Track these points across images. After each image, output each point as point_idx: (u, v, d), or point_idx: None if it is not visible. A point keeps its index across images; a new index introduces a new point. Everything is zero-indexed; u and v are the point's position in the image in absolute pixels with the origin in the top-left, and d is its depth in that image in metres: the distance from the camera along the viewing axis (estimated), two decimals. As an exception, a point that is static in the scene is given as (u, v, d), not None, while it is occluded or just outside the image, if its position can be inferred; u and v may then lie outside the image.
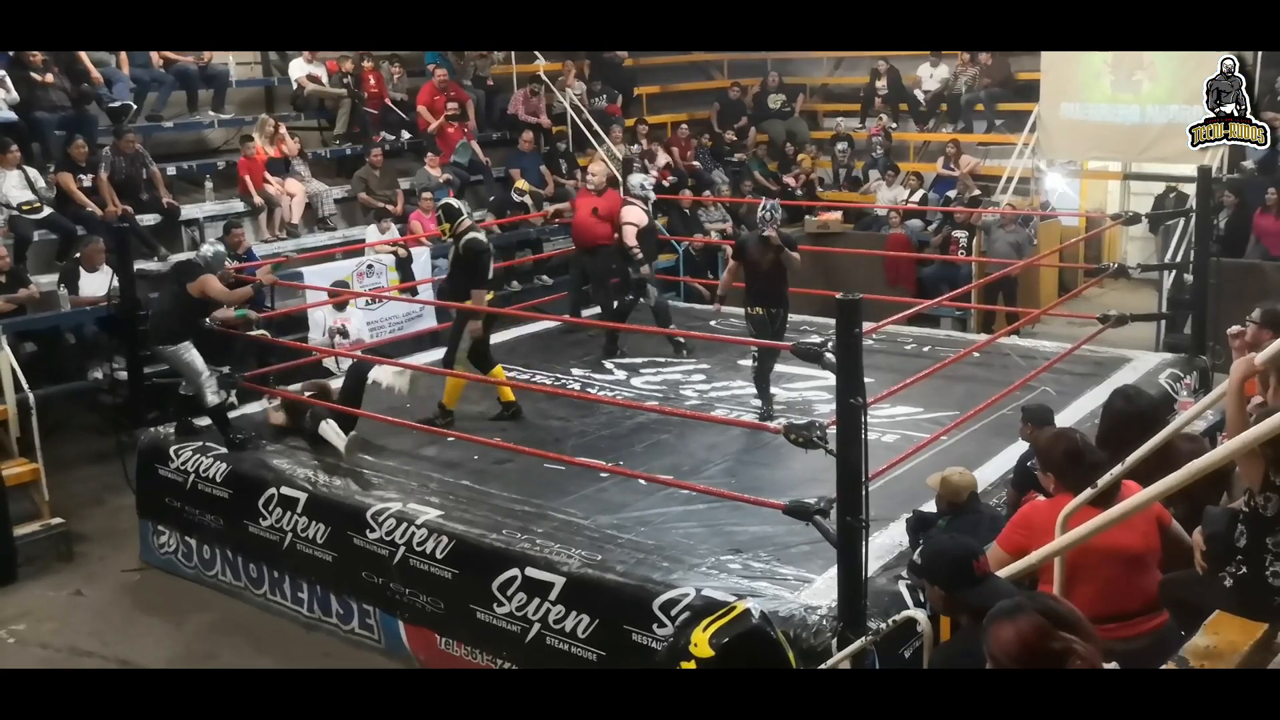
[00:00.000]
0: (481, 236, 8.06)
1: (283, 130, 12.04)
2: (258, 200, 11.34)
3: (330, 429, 7.41)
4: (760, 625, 4.82)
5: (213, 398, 7.69)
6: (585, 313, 10.19)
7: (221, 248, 8.45)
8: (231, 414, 8.02)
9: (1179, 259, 10.57)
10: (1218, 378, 7.38)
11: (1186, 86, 11.98)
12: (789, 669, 4.78)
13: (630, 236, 9.66)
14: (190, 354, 7.72)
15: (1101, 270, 10.54)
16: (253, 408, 8.34)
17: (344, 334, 10.11)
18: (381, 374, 8.03)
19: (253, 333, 8.68)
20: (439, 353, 9.71)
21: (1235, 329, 5.29)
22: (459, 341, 8.01)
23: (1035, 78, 13.37)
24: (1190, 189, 9.89)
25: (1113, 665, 2.78)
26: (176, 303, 7.80)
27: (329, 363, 9.75)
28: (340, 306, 10.13)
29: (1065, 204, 13.83)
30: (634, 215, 9.76)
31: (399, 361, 8.48)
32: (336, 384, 8.22)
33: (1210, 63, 11.63)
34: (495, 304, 9.28)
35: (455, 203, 8.40)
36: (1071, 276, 12.42)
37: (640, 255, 9.70)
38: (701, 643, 4.55)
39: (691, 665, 4.53)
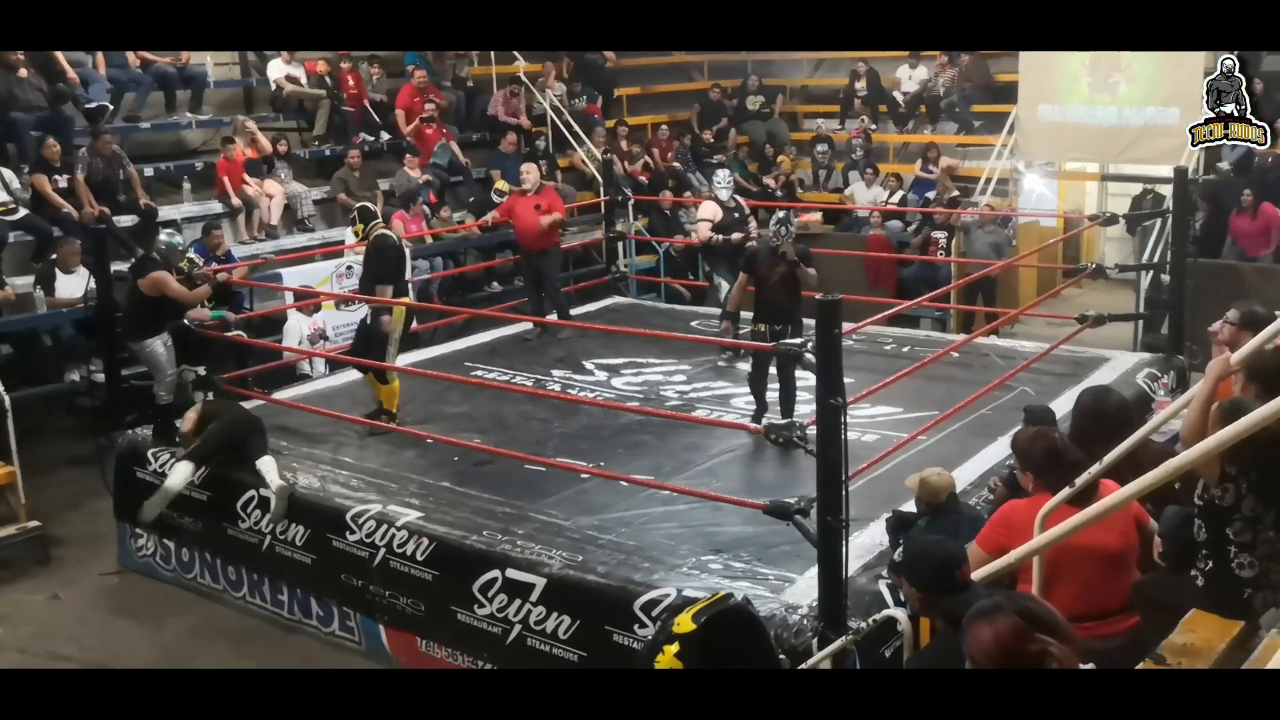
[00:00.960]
0: (391, 234, 8.10)
1: (252, 127, 11.93)
2: (235, 202, 11.30)
3: (269, 465, 7.11)
4: (742, 604, 4.86)
5: (165, 396, 7.80)
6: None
7: (179, 239, 8.43)
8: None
9: (1156, 259, 10.64)
10: (1194, 377, 7.44)
11: (1163, 88, 12.10)
12: (770, 666, 4.81)
13: (704, 231, 10.00)
14: (154, 349, 7.76)
15: (1080, 271, 10.60)
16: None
17: (325, 337, 10.07)
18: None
19: (229, 334, 8.63)
20: (418, 355, 9.74)
21: (1217, 325, 5.33)
22: (385, 344, 7.91)
23: (1013, 79, 13.45)
24: (1167, 190, 9.96)
25: (1089, 666, 2.80)
26: (133, 298, 7.86)
27: (304, 366, 9.74)
28: (315, 310, 10.07)
29: (1043, 205, 13.90)
30: (709, 211, 10.10)
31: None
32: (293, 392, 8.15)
33: (1187, 65, 11.87)
34: (477, 305, 9.31)
35: (372, 206, 8.50)
36: (1050, 277, 12.48)
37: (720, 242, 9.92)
38: (684, 622, 4.58)
39: (675, 647, 4.54)
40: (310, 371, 9.74)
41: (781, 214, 7.87)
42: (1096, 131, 12.58)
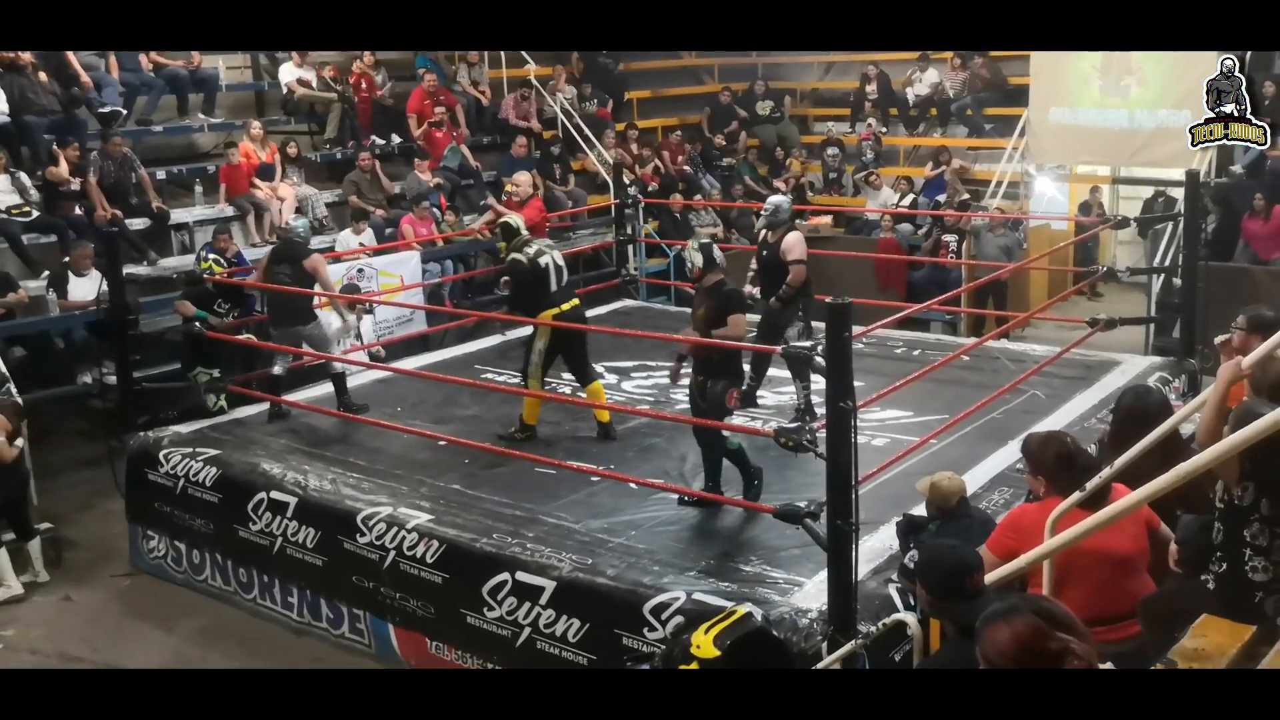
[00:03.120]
0: (522, 258, 7.68)
1: (256, 130, 11.92)
2: (229, 210, 11.37)
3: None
4: (764, 627, 4.83)
5: (337, 366, 8.30)
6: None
7: (304, 222, 8.87)
8: (224, 418, 8.16)
9: (1167, 263, 10.61)
10: (1206, 381, 7.41)
11: (1174, 91, 12.05)
12: (790, 669, 4.79)
13: (800, 275, 7.78)
14: (321, 329, 8.35)
15: (1091, 274, 10.57)
16: (244, 411, 8.37)
17: (358, 335, 10.11)
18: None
19: (240, 336, 8.65)
20: (429, 357, 9.77)
21: (1222, 338, 5.31)
22: (530, 356, 7.76)
23: (1025, 82, 13.43)
24: (1178, 193, 9.93)
25: (1109, 665, 2.78)
26: (299, 283, 8.12)
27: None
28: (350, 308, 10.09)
29: (1054, 208, 13.88)
30: (800, 249, 7.89)
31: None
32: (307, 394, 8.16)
33: (1198, 67, 11.78)
34: (487, 308, 9.28)
35: (513, 223, 8.04)
36: (1061, 280, 12.46)
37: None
38: (705, 644, 4.53)
39: (694, 667, 4.51)
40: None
41: (694, 240, 6.88)
42: (1107, 134, 12.56)
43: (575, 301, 7.83)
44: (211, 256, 9.48)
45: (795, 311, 7.74)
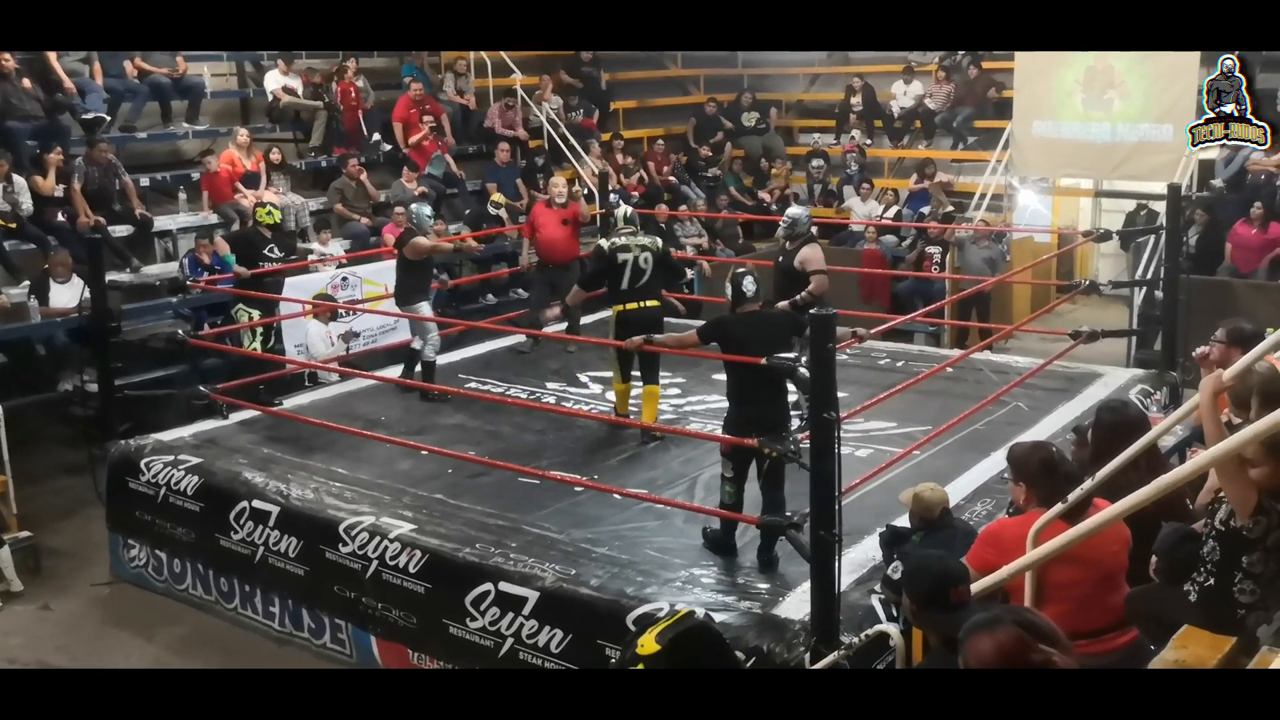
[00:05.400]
0: (604, 245, 7.98)
1: (242, 137, 11.90)
2: (212, 216, 11.33)
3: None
4: (705, 621, 4.85)
5: (430, 353, 8.80)
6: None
7: (428, 209, 9.40)
8: (217, 423, 8.17)
9: (1150, 276, 10.67)
10: (1187, 393, 7.45)
11: (1157, 105, 12.17)
12: (743, 667, 4.80)
13: (823, 284, 8.00)
14: (421, 310, 8.95)
15: (1073, 286, 10.62)
16: (239, 416, 8.36)
17: (355, 335, 10.15)
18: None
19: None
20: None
21: (1201, 350, 5.34)
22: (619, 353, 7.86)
23: (1009, 95, 13.49)
24: (1161, 206, 10.00)
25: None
26: (403, 268, 8.88)
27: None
28: (332, 316, 10.11)
29: (1038, 220, 13.95)
30: (819, 259, 8.13)
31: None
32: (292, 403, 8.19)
33: (1180, 81, 11.92)
34: (472, 316, 9.30)
35: (622, 212, 8.31)
36: (1044, 293, 12.52)
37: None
38: (648, 643, 4.56)
39: (640, 668, 4.53)
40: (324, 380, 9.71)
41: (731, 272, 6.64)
42: (1090, 148, 12.65)
43: (649, 303, 7.94)
44: (269, 202, 9.73)
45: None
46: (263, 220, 9.29)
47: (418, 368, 8.99)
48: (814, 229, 8.56)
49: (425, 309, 9.06)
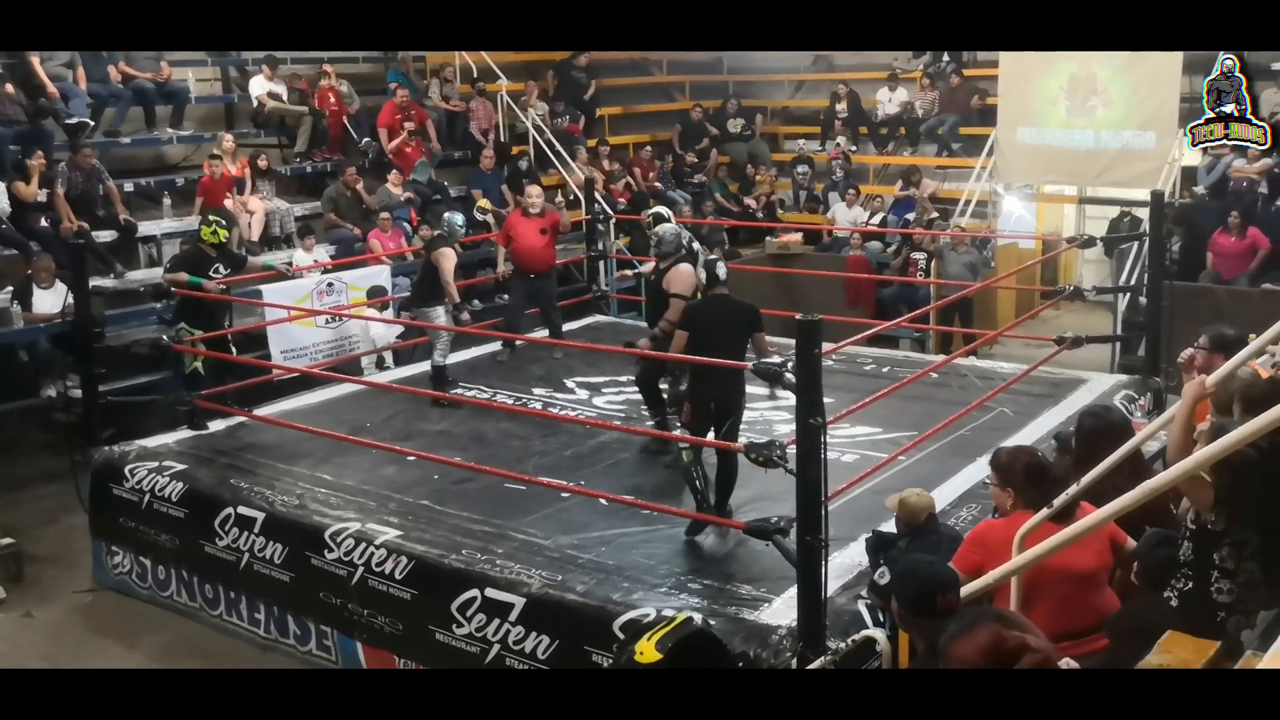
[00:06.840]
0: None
1: (227, 143, 11.86)
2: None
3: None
4: (704, 628, 4.85)
5: (439, 358, 8.93)
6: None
7: (460, 219, 9.49)
8: (199, 432, 8.12)
9: (1133, 282, 10.72)
10: (1171, 399, 7.49)
11: (1140, 112, 12.25)
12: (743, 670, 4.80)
13: (678, 309, 7.19)
14: (435, 316, 8.97)
15: (1058, 293, 10.68)
16: (224, 422, 8.33)
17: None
18: None
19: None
20: (398, 371, 9.75)
21: (1186, 354, 5.37)
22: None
23: (993, 102, 13.55)
24: (1144, 213, 10.05)
25: (1069, 661, 2.82)
26: (425, 271, 9.07)
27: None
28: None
29: (1022, 227, 14.02)
30: (686, 283, 7.50)
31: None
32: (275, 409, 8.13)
33: (1163, 89, 11.99)
34: (458, 323, 9.28)
35: (663, 213, 8.68)
36: (1028, 299, 12.57)
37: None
38: (648, 650, 4.56)
39: None
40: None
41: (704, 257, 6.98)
42: (1074, 155, 12.72)
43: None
44: (214, 219, 9.38)
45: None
46: (207, 239, 8.95)
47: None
48: (696, 246, 8.00)
49: (439, 313, 9.01)
